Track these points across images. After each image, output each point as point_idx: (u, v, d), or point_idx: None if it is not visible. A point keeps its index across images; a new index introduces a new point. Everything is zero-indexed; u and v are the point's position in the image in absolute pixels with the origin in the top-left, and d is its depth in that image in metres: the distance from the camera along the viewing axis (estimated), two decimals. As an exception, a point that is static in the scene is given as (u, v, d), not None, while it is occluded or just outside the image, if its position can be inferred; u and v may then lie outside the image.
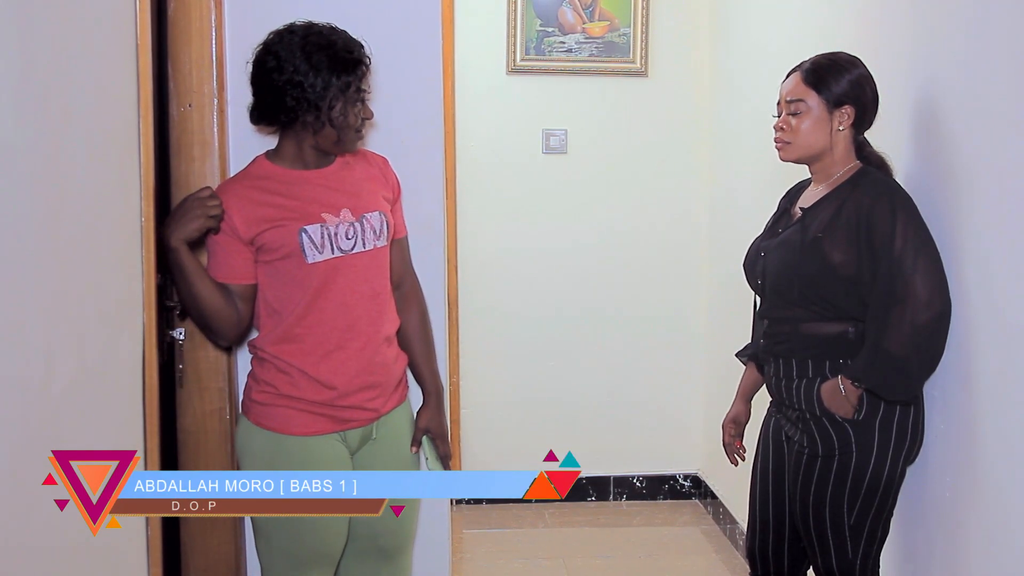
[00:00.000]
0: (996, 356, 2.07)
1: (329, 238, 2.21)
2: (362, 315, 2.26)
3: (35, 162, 1.46)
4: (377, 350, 2.29)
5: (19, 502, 1.41)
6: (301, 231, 2.20)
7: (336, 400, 2.24)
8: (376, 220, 2.27)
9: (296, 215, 2.21)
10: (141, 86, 1.98)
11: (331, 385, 2.23)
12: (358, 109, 2.23)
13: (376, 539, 2.36)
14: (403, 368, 2.40)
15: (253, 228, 2.20)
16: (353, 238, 2.24)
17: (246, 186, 2.24)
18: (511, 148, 4.34)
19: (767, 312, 2.44)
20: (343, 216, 2.24)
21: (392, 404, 2.34)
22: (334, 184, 2.27)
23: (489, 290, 4.30)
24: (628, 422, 4.46)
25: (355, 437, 2.30)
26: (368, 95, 2.26)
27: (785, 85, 2.38)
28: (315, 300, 2.22)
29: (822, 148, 2.34)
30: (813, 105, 2.31)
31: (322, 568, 2.30)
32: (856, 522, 2.29)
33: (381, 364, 2.30)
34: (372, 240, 2.27)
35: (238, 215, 2.20)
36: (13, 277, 1.38)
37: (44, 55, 1.50)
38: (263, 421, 2.25)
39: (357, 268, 2.25)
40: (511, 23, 4.26)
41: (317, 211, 2.22)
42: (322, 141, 2.23)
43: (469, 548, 4.02)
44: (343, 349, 2.24)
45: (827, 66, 2.32)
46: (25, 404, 1.42)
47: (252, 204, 2.21)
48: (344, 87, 2.18)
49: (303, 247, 2.20)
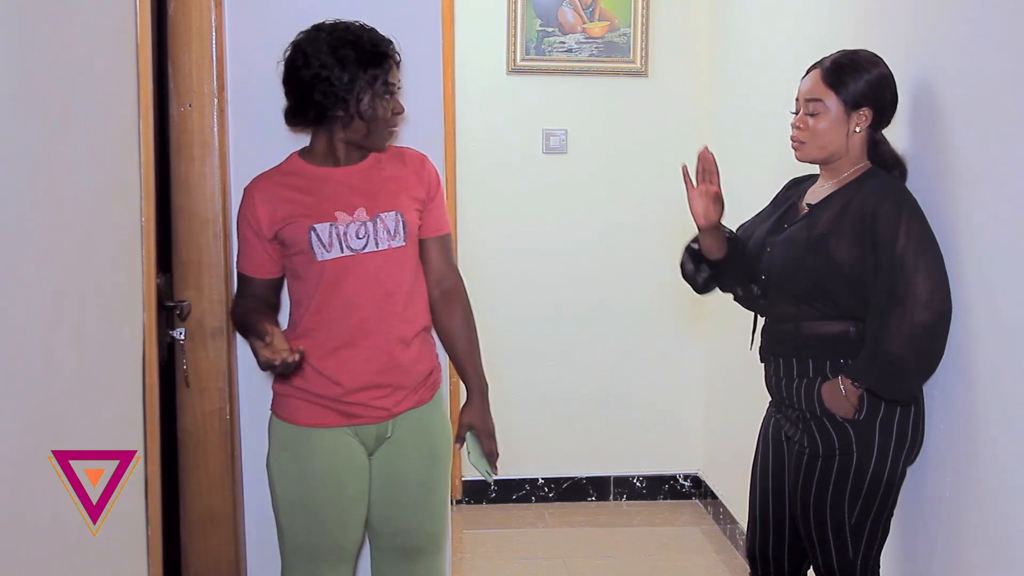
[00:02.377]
0: (996, 356, 2.07)
1: (338, 237, 2.23)
2: (372, 315, 2.25)
3: (35, 162, 1.46)
4: (389, 351, 2.27)
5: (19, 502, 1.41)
6: (311, 229, 2.22)
7: (342, 396, 2.26)
8: (392, 220, 2.26)
9: (309, 212, 2.24)
10: (141, 86, 1.98)
11: (337, 381, 2.25)
12: (387, 102, 2.24)
13: (397, 537, 2.35)
14: (427, 369, 2.36)
15: (276, 225, 2.25)
16: (364, 238, 2.24)
17: (275, 182, 2.28)
18: (511, 148, 4.34)
19: (768, 309, 2.43)
20: (357, 215, 2.25)
21: (408, 404, 2.32)
22: (357, 182, 2.27)
23: (489, 290, 4.30)
24: (628, 422, 4.46)
25: (368, 434, 2.30)
26: (398, 89, 2.27)
27: (804, 83, 2.36)
28: (325, 297, 2.24)
29: (837, 149, 2.32)
30: (831, 106, 2.30)
31: (339, 562, 2.32)
32: (856, 522, 2.29)
33: (394, 365, 2.28)
34: (386, 240, 2.26)
35: (263, 211, 2.25)
36: (13, 277, 1.38)
37: (44, 55, 1.50)
38: (277, 410, 2.32)
39: (368, 268, 2.25)
40: (511, 23, 4.26)
41: (331, 209, 2.24)
42: (352, 135, 2.25)
43: (469, 548, 4.02)
44: (351, 347, 2.25)
45: (848, 66, 2.29)
46: (25, 404, 1.42)
47: (276, 200, 2.25)
48: (371, 80, 2.20)
49: (312, 245, 2.22)
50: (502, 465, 2.53)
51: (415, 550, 2.36)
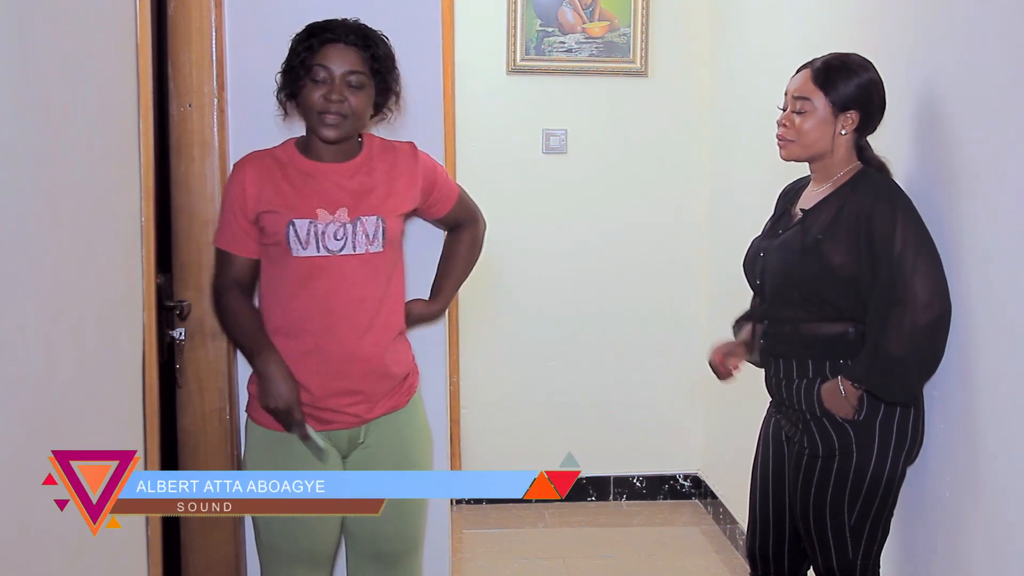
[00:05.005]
0: (996, 356, 2.07)
1: (315, 235, 2.19)
2: (344, 319, 2.21)
3: (35, 162, 1.46)
4: (362, 358, 2.23)
5: (19, 502, 1.41)
6: (290, 223, 2.18)
7: (313, 402, 2.22)
8: (372, 225, 2.22)
9: (291, 205, 2.20)
10: (141, 86, 1.98)
11: (305, 387, 2.21)
12: (317, 88, 2.16)
13: (375, 543, 2.33)
14: (402, 374, 2.32)
15: (259, 206, 2.21)
16: (343, 239, 2.20)
17: (267, 164, 2.24)
18: (511, 148, 4.34)
19: (767, 313, 2.43)
20: (338, 216, 2.20)
21: (381, 411, 2.28)
22: (344, 182, 2.23)
23: (489, 290, 4.30)
24: (628, 422, 4.46)
25: (342, 439, 2.27)
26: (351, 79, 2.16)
27: (794, 81, 2.36)
28: (297, 296, 2.20)
29: (823, 150, 2.33)
30: (819, 106, 2.30)
31: (315, 566, 2.30)
32: (856, 522, 2.29)
33: (367, 372, 2.24)
34: (364, 244, 2.21)
35: (252, 191, 2.21)
36: (13, 277, 1.38)
37: (44, 55, 1.50)
38: (252, 413, 2.28)
39: (344, 271, 2.21)
40: (511, 23, 4.26)
41: (313, 206, 2.20)
42: (307, 128, 2.23)
43: (469, 548, 4.02)
44: (320, 351, 2.21)
45: (838, 68, 2.30)
46: (25, 404, 1.42)
47: (265, 182, 2.21)
48: (302, 63, 2.16)
49: (288, 239, 2.19)
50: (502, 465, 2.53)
51: (391, 555, 2.34)
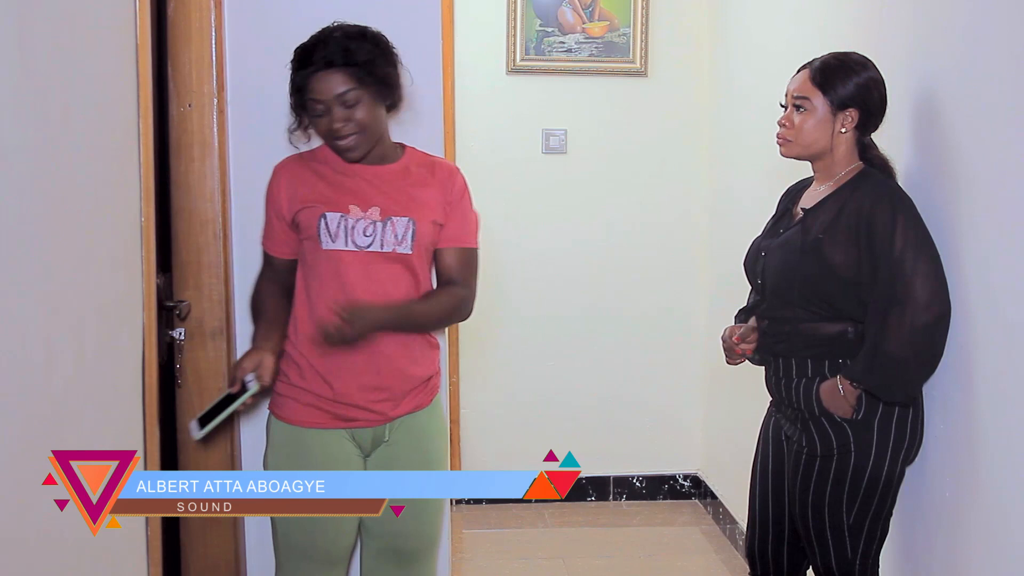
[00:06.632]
0: (996, 356, 2.07)
1: (345, 229, 2.22)
2: None
3: (35, 162, 1.46)
4: (386, 354, 2.25)
5: (19, 502, 1.41)
6: (321, 216, 2.22)
7: (335, 398, 2.25)
8: (402, 225, 2.23)
9: (325, 200, 2.23)
10: (141, 86, 1.98)
11: (329, 382, 2.24)
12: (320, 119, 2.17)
13: (394, 540, 2.34)
14: (426, 374, 2.33)
15: (294, 206, 2.25)
16: (372, 236, 2.23)
17: (300, 165, 2.28)
18: (511, 148, 4.34)
19: (767, 312, 2.43)
20: (369, 213, 2.23)
21: (406, 409, 2.30)
22: (379, 182, 2.26)
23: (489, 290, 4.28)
24: (628, 422, 4.46)
25: (365, 438, 2.29)
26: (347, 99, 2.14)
27: (793, 81, 2.37)
28: (324, 290, 2.23)
29: (822, 149, 2.33)
30: (818, 105, 2.31)
31: (332, 565, 2.31)
32: (855, 522, 2.29)
33: (391, 369, 2.26)
34: (392, 243, 2.23)
35: (286, 193, 2.26)
36: (13, 277, 1.38)
37: (44, 55, 1.50)
38: (276, 410, 2.31)
39: (370, 268, 2.23)
40: (511, 23, 4.26)
41: (346, 201, 2.23)
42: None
43: (469, 548, 4.02)
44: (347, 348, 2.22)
45: (836, 67, 2.30)
46: (25, 404, 1.42)
47: (299, 183, 2.25)
48: (301, 106, 2.19)
49: (319, 232, 2.22)
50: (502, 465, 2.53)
51: (409, 553, 2.36)
